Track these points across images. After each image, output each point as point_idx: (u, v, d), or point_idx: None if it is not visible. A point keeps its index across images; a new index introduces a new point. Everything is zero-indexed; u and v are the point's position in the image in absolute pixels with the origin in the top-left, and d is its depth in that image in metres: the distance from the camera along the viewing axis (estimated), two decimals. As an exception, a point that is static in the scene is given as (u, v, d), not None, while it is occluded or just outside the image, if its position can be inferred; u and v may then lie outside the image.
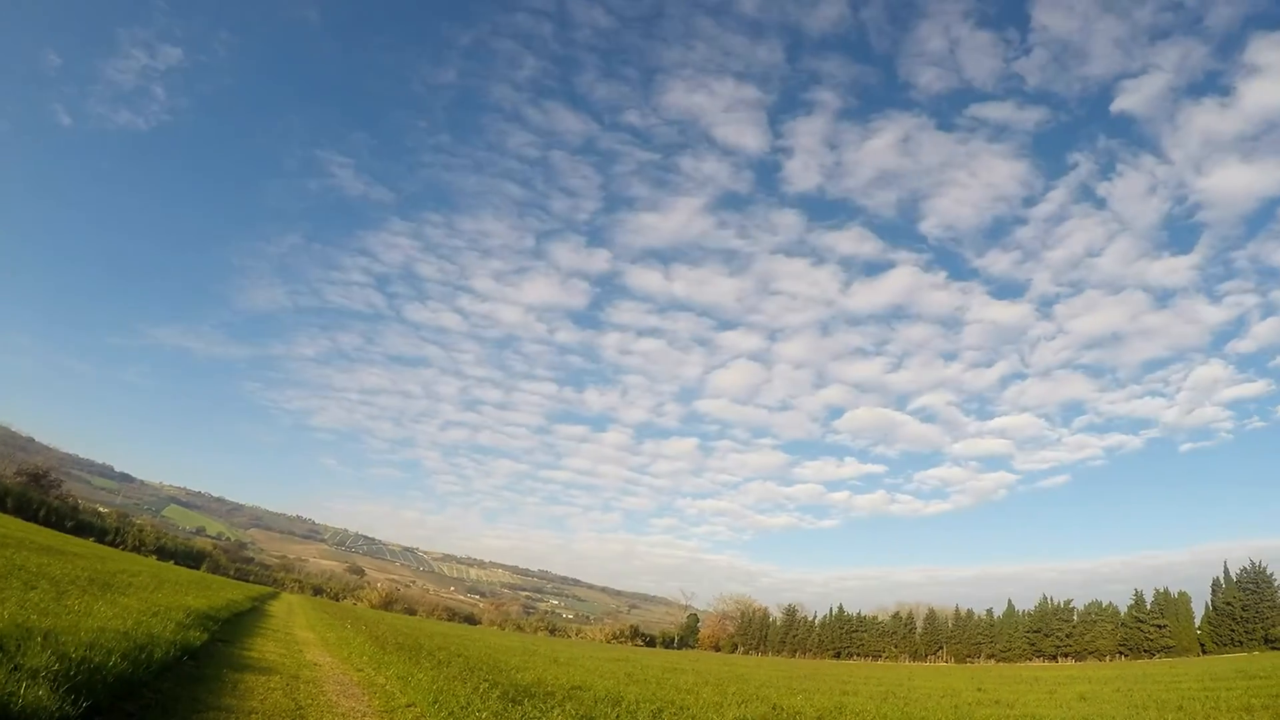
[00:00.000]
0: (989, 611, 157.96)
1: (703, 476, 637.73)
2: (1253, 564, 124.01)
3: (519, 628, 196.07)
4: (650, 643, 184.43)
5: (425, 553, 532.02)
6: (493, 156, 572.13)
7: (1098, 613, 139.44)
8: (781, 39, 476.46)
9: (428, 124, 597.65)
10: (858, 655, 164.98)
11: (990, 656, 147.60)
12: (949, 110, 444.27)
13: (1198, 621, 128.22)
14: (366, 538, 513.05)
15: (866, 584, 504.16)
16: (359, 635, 37.75)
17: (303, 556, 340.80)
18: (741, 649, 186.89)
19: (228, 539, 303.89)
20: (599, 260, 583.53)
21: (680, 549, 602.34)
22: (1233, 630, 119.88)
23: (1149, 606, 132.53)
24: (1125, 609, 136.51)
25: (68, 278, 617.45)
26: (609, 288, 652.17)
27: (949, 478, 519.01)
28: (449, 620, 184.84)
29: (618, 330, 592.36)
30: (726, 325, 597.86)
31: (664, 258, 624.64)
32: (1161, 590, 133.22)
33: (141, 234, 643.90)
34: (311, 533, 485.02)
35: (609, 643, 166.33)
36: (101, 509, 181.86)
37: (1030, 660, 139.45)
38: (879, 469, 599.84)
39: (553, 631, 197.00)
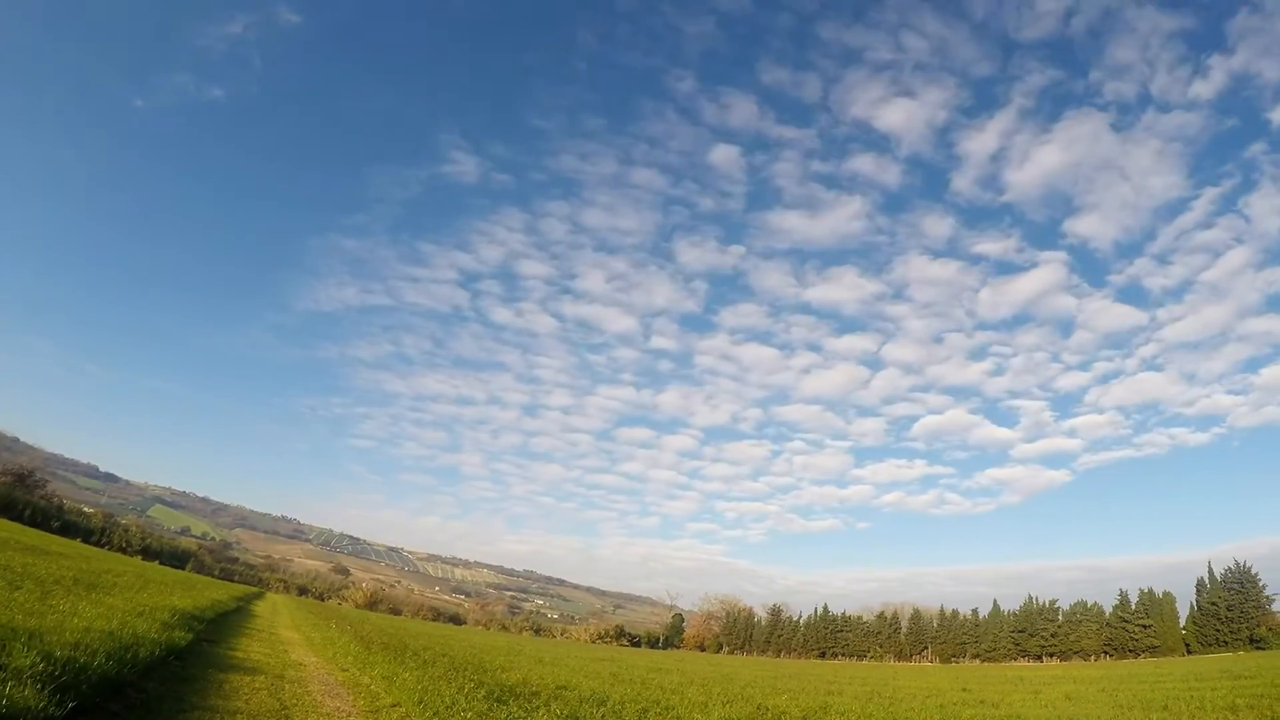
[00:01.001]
0: (974, 611, 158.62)
1: (760, 480, 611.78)
2: (1237, 564, 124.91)
3: (504, 628, 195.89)
4: (636, 643, 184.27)
5: (410, 553, 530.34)
6: (649, 148, 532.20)
7: (1083, 613, 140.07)
8: (998, 41, 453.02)
9: (575, 104, 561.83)
10: (843, 655, 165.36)
11: (975, 656, 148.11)
12: (1125, 116, 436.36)
13: (1183, 621, 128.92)
14: (351, 537, 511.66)
15: (885, 585, 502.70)
16: (344, 635, 37.72)
17: (288, 556, 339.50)
18: (726, 649, 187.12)
19: (213, 539, 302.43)
20: (729, 258, 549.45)
21: (703, 553, 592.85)
22: (1218, 630, 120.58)
23: (1134, 606, 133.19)
24: (1110, 609, 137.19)
25: (105, 278, 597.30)
26: (731, 287, 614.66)
27: (1006, 477, 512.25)
28: (434, 620, 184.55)
29: (726, 333, 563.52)
30: (845, 329, 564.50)
31: (801, 257, 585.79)
32: (1146, 590, 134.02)
33: (197, 231, 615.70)
34: (296, 533, 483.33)
35: (594, 643, 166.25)
36: (86, 509, 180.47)
37: (1015, 660, 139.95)
38: (944, 470, 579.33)
39: (538, 631, 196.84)
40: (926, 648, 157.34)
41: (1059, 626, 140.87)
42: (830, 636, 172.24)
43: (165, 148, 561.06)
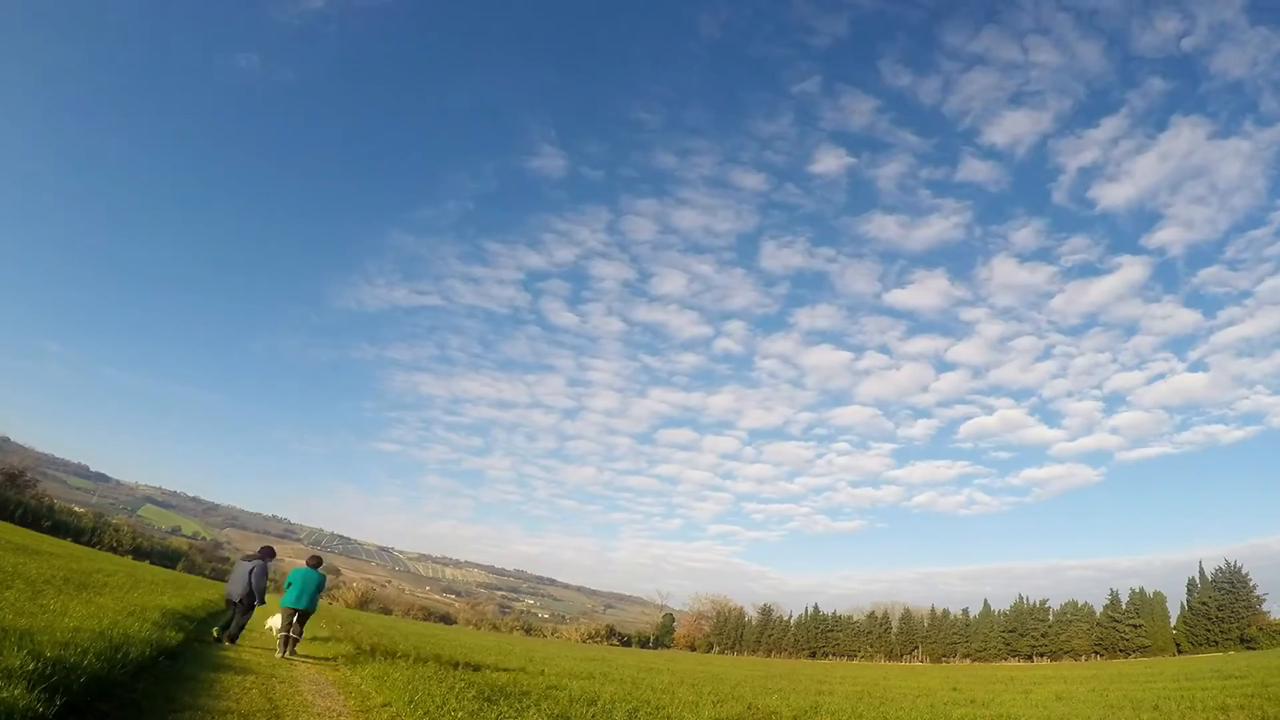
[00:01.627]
0: (965, 611, 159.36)
1: (795, 481, 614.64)
2: (1228, 564, 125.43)
3: (495, 627, 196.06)
4: (626, 642, 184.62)
5: (401, 552, 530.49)
6: (759, 148, 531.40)
7: (1073, 612, 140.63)
8: (1119, 46, 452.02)
9: (684, 95, 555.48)
10: (833, 655, 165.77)
11: (966, 656, 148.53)
12: (1227, 126, 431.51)
13: (1173, 621, 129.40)
14: (342, 537, 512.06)
15: (897, 586, 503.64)
16: (334, 635, 37.65)
17: (278, 556, 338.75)
18: (717, 649, 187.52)
19: (203, 538, 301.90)
20: (816, 260, 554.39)
21: (719, 555, 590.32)
22: (1208, 630, 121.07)
23: (1124, 606, 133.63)
24: (1101, 609, 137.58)
25: (112, 278, 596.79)
26: (813, 288, 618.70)
27: (1042, 477, 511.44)
28: (425, 620, 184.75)
29: (799, 334, 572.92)
30: (918, 330, 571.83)
31: (891, 259, 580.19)
32: (1137, 590, 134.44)
33: (235, 228, 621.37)
34: (287, 532, 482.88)
35: (585, 642, 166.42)
36: (77, 509, 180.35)
37: (1006, 660, 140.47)
38: (982, 470, 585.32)
39: (528, 631, 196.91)
40: (917, 647, 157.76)
41: (1049, 626, 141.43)
42: (821, 636, 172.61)
43: (218, 136, 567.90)
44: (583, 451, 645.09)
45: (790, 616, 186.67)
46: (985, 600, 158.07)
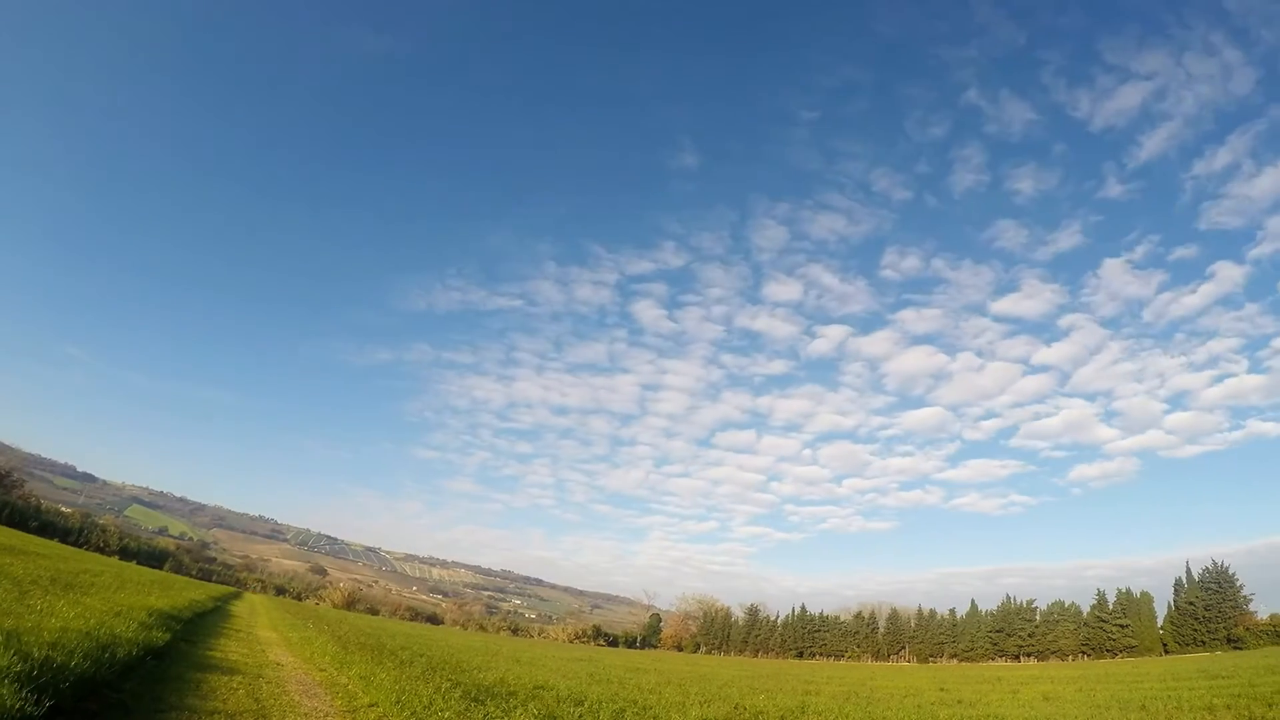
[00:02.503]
0: (951, 611, 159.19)
1: (843, 484, 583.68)
2: (1215, 564, 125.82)
3: (482, 628, 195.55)
4: (613, 643, 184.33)
5: (388, 552, 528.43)
6: (908, 153, 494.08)
7: (1060, 613, 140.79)
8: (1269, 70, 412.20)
9: (843, 88, 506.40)
10: (820, 655, 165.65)
11: (953, 656, 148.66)
12: None
13: (1160, 621, 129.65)
14: (329, 537, 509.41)
15: (911, 586, 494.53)
16: (321, 635, 37.63)
17: (265, 556, 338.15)
18: (704, 649, 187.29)
19: (190, 539, 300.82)
20: (936, 265, 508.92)
21: (740, 556, 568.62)
22: (1195, 630, 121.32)
23: (1111, 606, 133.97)
24: (1088, 609, 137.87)
25: (125, 274, 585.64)
26: (924, 292, 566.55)
27: (1087, 474, 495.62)
28: (412, 620, 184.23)
29: (899, 334, 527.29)
30: (1014, 333, 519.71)
31: (1009, 264, 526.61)
32: (1124, 590, 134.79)
33: (304, 231, 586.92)
34: (274, 532, 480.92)
35: (572, 642, 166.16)
36: (64, 509, 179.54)
37: (993, 660, 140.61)
38: (1032, 468, 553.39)
39: (515, 631, 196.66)
40: (904, 648, 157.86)
41: (1036, 626, 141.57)
42: (807, 636, 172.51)
43: (302, 127, 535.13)
44: (636, 456, 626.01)
45: (777, 617, 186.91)
46: (972, 600, 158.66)
